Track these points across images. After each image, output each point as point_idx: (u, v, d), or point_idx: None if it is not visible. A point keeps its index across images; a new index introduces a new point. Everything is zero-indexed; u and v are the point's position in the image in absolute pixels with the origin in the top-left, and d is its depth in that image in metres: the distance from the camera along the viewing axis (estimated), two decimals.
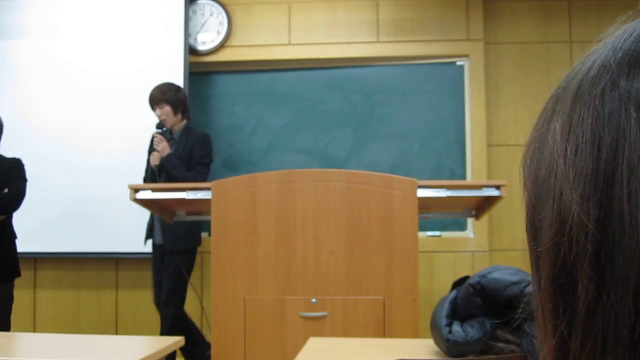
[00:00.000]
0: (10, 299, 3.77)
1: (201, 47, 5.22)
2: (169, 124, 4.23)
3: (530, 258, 0.44)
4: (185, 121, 4.36)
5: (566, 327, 0.38)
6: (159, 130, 4.18)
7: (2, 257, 3.72)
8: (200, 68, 5.23)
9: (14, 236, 3.79)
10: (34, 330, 5.11)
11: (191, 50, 5.13)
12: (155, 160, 4.12)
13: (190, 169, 4.19)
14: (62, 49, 5.19)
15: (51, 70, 5.18)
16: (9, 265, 3.74)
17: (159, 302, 4.27)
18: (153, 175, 4.19)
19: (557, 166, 0.39)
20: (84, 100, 5.09)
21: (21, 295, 4.92)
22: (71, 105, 5.11)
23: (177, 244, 4.20)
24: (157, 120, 4.25)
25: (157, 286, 4.28)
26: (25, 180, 3.85)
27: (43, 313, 5.21)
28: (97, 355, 2.22)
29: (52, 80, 5.16)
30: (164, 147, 4.14)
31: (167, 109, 4.22)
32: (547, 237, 0.40)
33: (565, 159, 0.39)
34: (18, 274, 3.79)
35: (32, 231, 4.82)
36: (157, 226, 4.20)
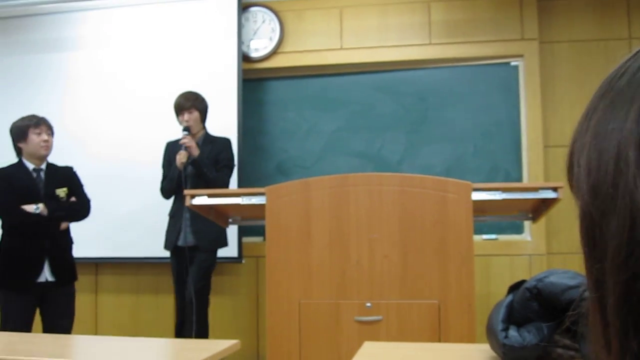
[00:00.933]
0: (73, 302, 3.89)
1: (254, 54, 5.28)
2: (194, 130, 4.32)
3: (588, 269, 0.42)
4: (204, 129, 4.44)
5: (638, 345, 0.37)
6: (186, 132, 4.26)
7: (64, 262, 3.84)
8: (254, 75, 5.29)
9: (71, 242, 3.91)
10: (96, 333, 5.25)
11: (244, 58, 5.19)
12: (183, 158, 4.18)
13: (217, 171, 4.29)
14: (116, 58, 5.33)
15: (105, 80, 5.32)
16: (69, 269, 3.86)
17: (182, 303, 4.33)
18: (174, 180, 4.29)
19: (626, 169, 0.37)
20: (138, 108, 5.21)
21: (83, 299, 5.05)
22: (128, 112, 5.23)
23: (211, 244, 4.35)
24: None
25: (181, 287, 4.34)
26: (84, 186, 3.99)
27: (104, 316, 5.35)
28: (157, 358, 2.26)
29: (105, 89, 5.30)
30: (194, 148, 4.21)
31: (196, 115, 4.35)
32: (615, 250, 0.38)
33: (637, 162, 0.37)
34: (76, 278, 3.91)
35: (93, 237, 4.95)
36: (188, 229, 4.28)
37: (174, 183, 4.32)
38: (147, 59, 5.28)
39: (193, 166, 4.21)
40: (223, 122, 4.96)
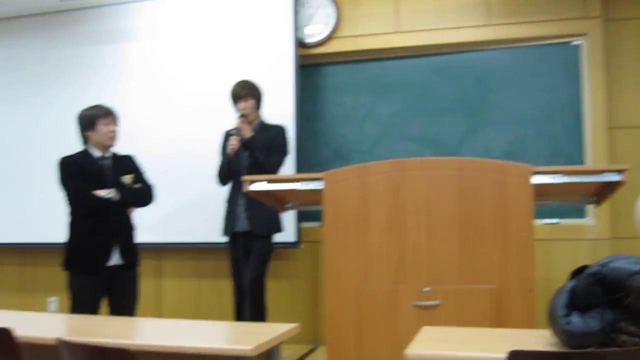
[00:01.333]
0: (137, 285, 3.99)
1: (310, 40, 5.28)
2: (250, 118, 4.36)
3: None
4: (260, 118, 4.47)
5: None
6: (242, 117, 4.31)
7: (131, 246, 3.95)
8: (310, 60, 5.29)
9: (134, 227, 4.02)
10: (159, 316, 5.38)
11: (300, 44, 5.20)
12: (234, 142, 4.24)
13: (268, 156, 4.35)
14: (173, 47, 5.40)
15: (162, 68, 5.41)
16: (134, 253, 3.96)
17: (239, 289, 4.38)
18: (229, 168, 4.37)
19: None
20: (196, 93, 5.29)
21: (146, 283, 5.18)
22: (187, 95, 5.31)
23: (266, 229, 4.40)
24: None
25: (237, 272, 4.40)
26: (145, 172, 4.09)
27: (167, 300, 5.48)
28: (218, 340, 2.31)
29: (162, 78, 5.39)
30: (247, 129, 4.25)
31: (252, 103, 4.40)
32: None
33: None
34: (139, 262, 4.01)
35: (156, 223, 5.07)
36: (242, 215, 4.33)
37: (225, 168, 4.40)
38: (202, 48, 5.34)
39: (244, 147, 4.26)
40: (280, 108, 4.99)
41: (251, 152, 4.25)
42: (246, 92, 4.38)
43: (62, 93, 5.60)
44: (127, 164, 4.02)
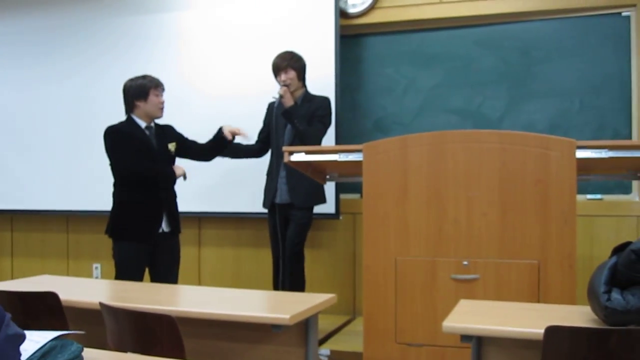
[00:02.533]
0: (180, 252, 4.06)
1: (352, 10, 5.24)
2: (292, 88, 4.35)
3: None
4: (304, 88, 4.45)
5: None
6: (284, 86, 4.33)
7: (176, 214, 4.02)
8: (351, 31, 5.25)
9: (176, 195, 4.07)
10: (199, 284, 5.48)
11: (342, 14, 5.16)
12: (283, 93, 4.27)
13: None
14: (220, 17, 5.41)
15: (203, 42, 5.42)
16: (178, 221, 4.03)
17: (278, 259, 4.43)
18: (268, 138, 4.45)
19: None
20: (239, 65, 5.30)
21: (187, 251, 5.26)
22: (228, 70, 5.33)
23: (306, 201, 4.44)
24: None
25: (276, 242, 4.44)
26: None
27: (207, 268, 5.57)
28: (257, 309, 2.35)
29: (211, 47, 5.41)
30: (288, 98, 4.26)
31: (293, 74, 4.39)
32: None
33: None
34: (181, 230, 4.08)
35: (196, 193, 5.13)
36: (284, 187, 4.37)
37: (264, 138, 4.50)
38: (246, 19, 5.33)
39: (284, 117, 4.27)
40: (321, 79, 4.97)
41: (291, 121, 4.26)
42: (286, 64, 4.38)
43: (106, 64, 5.67)
44: (169, 132, 4.07)
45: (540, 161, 2.98)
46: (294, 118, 4.26)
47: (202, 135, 4.25)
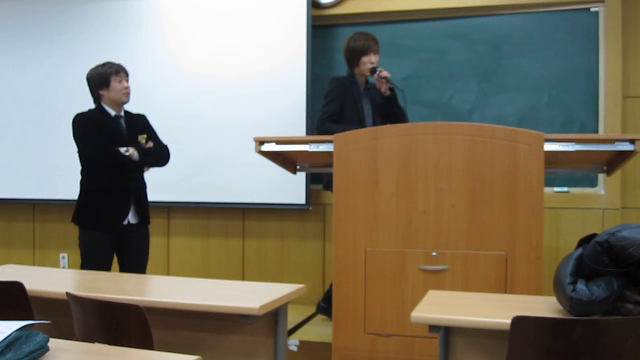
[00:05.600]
0: (149, 243, 4.03)
1: (324, 0, 5.22)
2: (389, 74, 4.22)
3: None
4: None
5: None
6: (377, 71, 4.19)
7: (144, 204, 3.97)
8: (323, 21, 5.24)
9: (146, 185, 4.03)
10: (168, 274, 5.44)
11: (314, 4, 5.14)
12: (387, 76, 4.14)
13: None
14: (191, 6, 5.35)
15: (171, 27, 5.37)
16: (147, 211, 3.99)
17: None
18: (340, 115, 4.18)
19: None
20: (209, 55, 5.26)
21: (156, 241, 5.22)
22: (198, 59, 5.29)
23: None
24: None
25: None
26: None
27: (176, 259, 5.53)
28: (225, 299, 2.34)
29: (181, 34, 5.35)
30: (387, 89, 4.19)
31: (378, 58, 4.28)
32: None
33: None
34: (150, 221, 4.03)
35: (165, 182, 5.09)
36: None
37: (337, 115, 4.14)
38: (215, 5, 5.29)
39: (387, 100, 4.17)
40: (292, 69, 4.96)
41: (395, 104, 4.18)
42: (377, 47, 4.26)
43: (70, 51, 5.58)
44: (140, 122, 4.01)
45: (508, 154, 3.01)
46: (398, 102, 4.19)
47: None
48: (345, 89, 4.22)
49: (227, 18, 5.25)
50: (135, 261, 3.91)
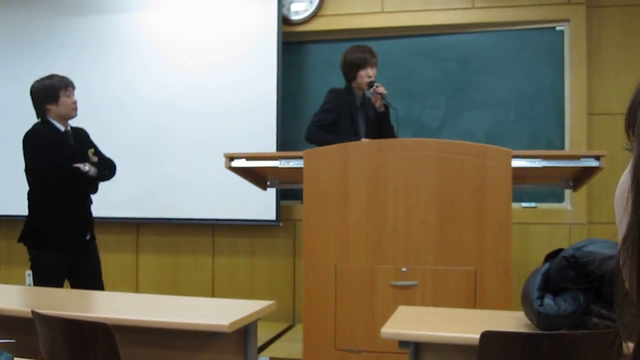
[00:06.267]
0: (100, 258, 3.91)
1: (294, 17, 5.25)
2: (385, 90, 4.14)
3: (635, 206, 0.43)
4: None
5: None
6: (374, 85, 4.11)
7: (92, 220, 3.86)
8: (294, 38, 5.26)
9: (92, 201, 3.92)
10: (137, 292, 5.38)
11: (284, 20, 5.16)
12: (383, 91, 4.06)
13: None
14: (157, 21, 5.34)
15: (150, 41, 5.34)
16: (93, 227, 3.87)
17: None
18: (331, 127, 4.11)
19: None
20: (179, 70, 5.24)
21: (125, 258, 5.17)
22: (168, 74, 5.26)
23: None
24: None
25: None
26: None
27: (145, 276, 5.47)
28: (195, 316, 2.32)
29: (151, 50, 5.33)
30: (381, 105, 4.13)
31: (376, 71, 4.19)
32: None
33: None
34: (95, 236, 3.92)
35: (135, 198, 5.04)
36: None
37: (328, 126, 4.06)
38: (185, 21, 5.29)
39: (380, 115, 4.11)
40: (262, 85, 4.97)
41: (386, 120, 4.12)
42: (375, 61, 4.17)
43: (22, 66, 5.51)
44: (85, 137, 3.90)
45: (477, 170, 3.04)
46: (390, 119, 4.13)
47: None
48: (342, 101, 4.19)
49: (198, 34, 5.24)
50: (96, 277, 3.81)
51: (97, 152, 3.86)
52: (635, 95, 0.44)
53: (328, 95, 4.25)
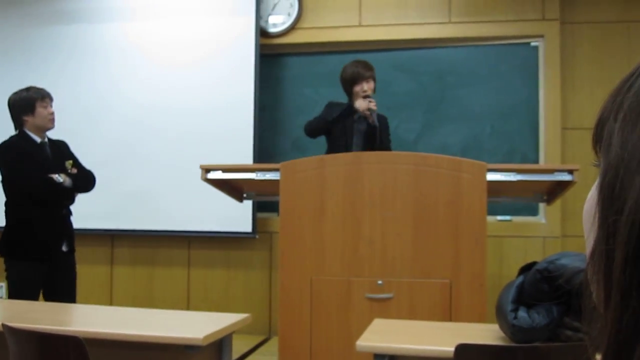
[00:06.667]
0: (76, 272, 3.88)
1: (272, 30, 5.26)
2: (376, 106, 4.07)
3: (601, 221, 0.43)
4: None
5: (637, 299, 0.38)
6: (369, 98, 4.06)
7: (73, 232, 3.84)
8: (271, 50, 5.27)
9: (71, 213, 3.90)
10: (111, 304, 5.32)
11: (262, 33, 5.18)
12: (364, 105, 4.01)
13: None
14: (138, 32, 5.33)
15: (127, 54, 5.32)
16: (74, 239, 3.85)
17: None
18: (327, 129, 4.11)
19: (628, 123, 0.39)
20: (157, 82, 5.22)
21: (99, 271, 5.12)
22: (145, 87, 5.24)
23: None
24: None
25: None
26: None
27: (119, 288, 5.41)
28: (169, 329, 2.30)
29: (127, 63, 5.31)
30: (373, 121, 4.04)
31: (373, 85, 4.11)
32: (634, 205, 0.40)
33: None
34: (75, 249, 3.90)
35: (110, 210, 5.00)
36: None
37: (323, 127, 4.09)
38: (163, 32, 5.27)
39: (371, 129, 4.03)
40: (240, 97, 4.97)
41: (377, 134, 4.03)
42: (370, 74, 4.10)
43: (14, 78, 5.46)
44: (64, 149, 3.89)
45: (452, 183, 3.05)
46: (380, 132, 4.06)
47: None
48: (336, 109, 4.15)
49: (176, 45, 5.23)
50: (68, 290, 3.77)
51: (77, 164, 3.86)
52: (602, 112, 0.45)
53: (325, 107, 4.24)
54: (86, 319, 2.85)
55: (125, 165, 5.00)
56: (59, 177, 3.65)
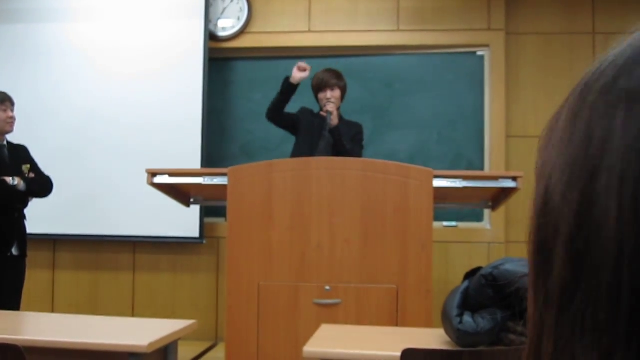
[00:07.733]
0: (24, 277, 3.83)
1: (221, 33, 5.23)
2: (334, 108, 4.01)
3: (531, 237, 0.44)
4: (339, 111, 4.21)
5: (543, 305, 0.39)
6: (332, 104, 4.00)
7: (25, 236, 3.80)
8: (220, 54, 5.24)
9: (26, 217, 3.87)
10: (52, 311, 5.18)
11: (211, 36, 5.14)
12: (333, 109, 3.96)
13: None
14: (84, 33, 5.22)
15: (72, 54, 5.21)
16: (26, 244, 3.81)
17: None
18: (282, 110, 4.11)
19: (553, 152, 0.40)
20: (103, 84, 5.13)
21: (40, 276, 4.99)
22: (90, 89, 5.14)
23: None
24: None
25: None
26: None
27: (61, 294, 5.28)
28: (113, 336, 2.25)
29: (72, 64, 5.20)
30: (335, 116, 4.00)
31: (338, 93, 4.07)
32: (534, 216, 0.41)
33: (560, 147, 0.39)
34: (27, 254, 3.86)
35: (52, 213, 4.87)
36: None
37: (280, 107, 4.08)
38: (111, 34, 5.19)
39: (332, 134, 3.96)
40: (188, 101, 4.92)
41: (339, 138, 3.97)
42: (335, 82, 4.06)
43: None
44: (22, 153, 3.88)
45: (400, 189, 3.08)
46: (342, 135, 4.01)
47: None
48: (305, 114, 4.17)
49: (124, 47, 5.15)
50: (11, 295, 3.70)
51: (35, 169, 3.84)
52: (540, 141, 0.45)
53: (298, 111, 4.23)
54: (26, 326, 2.76)
55: (69, 170, 4.88)
56: (13, 180, 3.62)
